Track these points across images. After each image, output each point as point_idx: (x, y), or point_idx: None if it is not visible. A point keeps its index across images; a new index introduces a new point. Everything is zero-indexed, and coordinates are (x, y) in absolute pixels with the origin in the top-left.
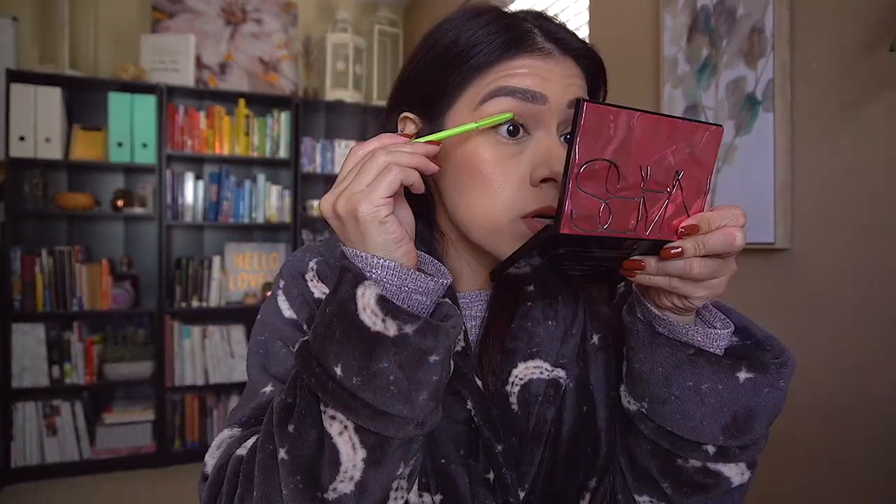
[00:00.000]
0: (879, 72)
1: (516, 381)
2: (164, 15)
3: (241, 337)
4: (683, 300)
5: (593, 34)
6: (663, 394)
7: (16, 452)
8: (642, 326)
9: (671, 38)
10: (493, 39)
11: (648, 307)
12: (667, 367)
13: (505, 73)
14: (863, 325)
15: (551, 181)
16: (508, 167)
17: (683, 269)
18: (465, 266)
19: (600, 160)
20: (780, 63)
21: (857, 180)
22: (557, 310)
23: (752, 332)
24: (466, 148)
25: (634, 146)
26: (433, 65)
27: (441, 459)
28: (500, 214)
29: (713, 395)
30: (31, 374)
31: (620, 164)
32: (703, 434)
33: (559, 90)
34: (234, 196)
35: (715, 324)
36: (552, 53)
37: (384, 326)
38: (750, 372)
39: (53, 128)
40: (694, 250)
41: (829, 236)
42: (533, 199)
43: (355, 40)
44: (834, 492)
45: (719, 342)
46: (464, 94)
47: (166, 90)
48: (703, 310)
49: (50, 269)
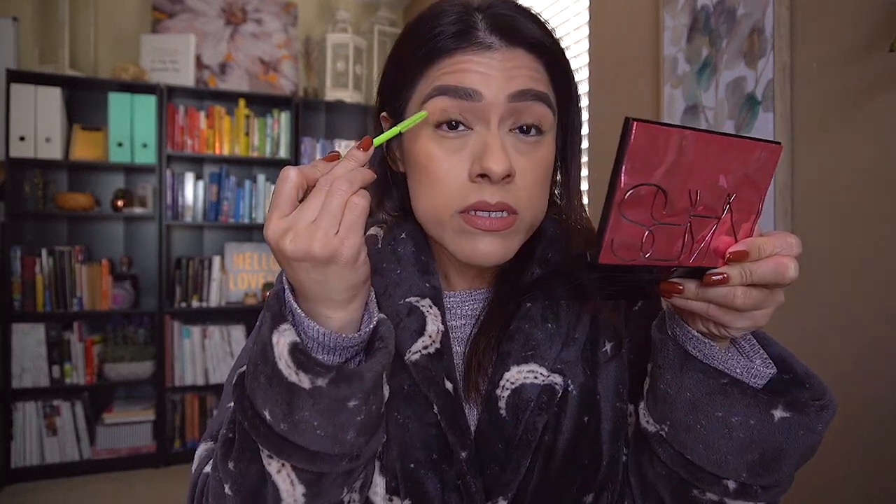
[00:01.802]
0: (879, 72)
1: (507, 385)
2: (164, 15)
3: (241, 337)
4: (721, 328)
5: (593, 34)
6: (688, 420)
7: (16, 452)
8: (673, 346)
9: (671, 38)
10: (440, 34)
11: (683, 326)
12: (696, 393)
13: (444, 69)
14: (863, 324)
15: (486, 177)
16: (452, 162)
17: (726, 298)
18: (451, 266)
19: (647, 185)
20: (780, 63)
21: (856, 180)
22: (559, 312)
23: (792, 366)
24: (419, 146)
25: (684, 169)
26: (394, 65)
27: (410, 464)
28: (442, 209)
29: (743, 430)
30: (31, 374)
31: (669, 189)
32: (726, 469)
33: (498, 84)
34: (235, 196)
35: (751, 355)
36: (492, 46)
37: (298, 379)
38: (787, 411)
39: (53, 128)
40: (740, 278)
41: (829, 236)
42: (471, 194)
43: (355, 40)
44: (834, 493)
45: (759, 377)
46: (413, 94)
47: (166, 90)
48: (739, 337)
49: (50, 269)
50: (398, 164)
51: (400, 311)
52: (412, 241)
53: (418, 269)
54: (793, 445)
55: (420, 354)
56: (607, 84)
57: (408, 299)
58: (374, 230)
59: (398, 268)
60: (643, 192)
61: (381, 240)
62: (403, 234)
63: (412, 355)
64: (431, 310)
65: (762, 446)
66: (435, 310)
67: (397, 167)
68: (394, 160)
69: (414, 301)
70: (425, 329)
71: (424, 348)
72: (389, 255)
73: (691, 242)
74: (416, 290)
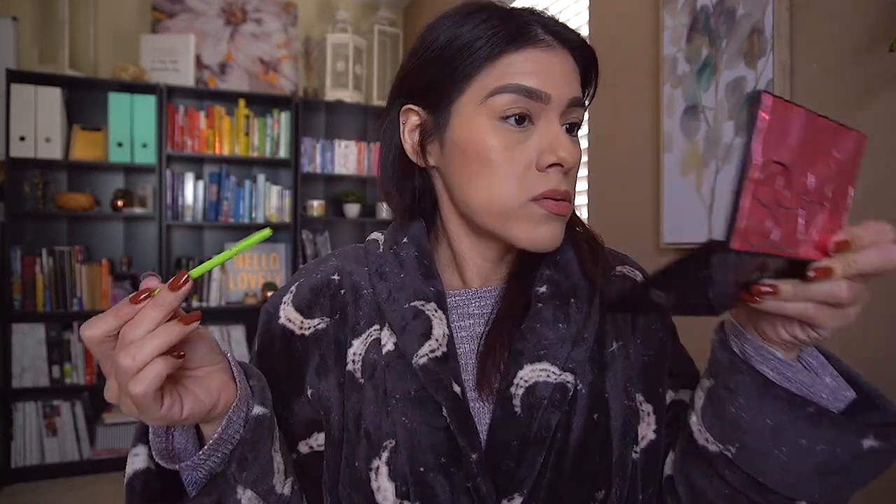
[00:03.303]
0: (879, 72)
1: (521, 384)
2: (164, 15)
3: (241, 337)
4: (808, 330)
5: (593, 34)
6: (766, 447)
7: (16, 452)
8: (749, 371)
9: (671, 38)
10: (494, 32)
11: (755, 342)
12: (777, 421)
13: (510, 66)
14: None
15: (557, 166)
16: (515, 153)
17: (830, 293)
18: (468, 263)
19: (776, 163)
20: (780, 63)
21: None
22: (569, 312)
23: (860, 384)
24: (473, 136)
25: (806, 150)
26: (437, 58)
27: (420, 468)
28: (510, 198)
29: (827, 456)
30: (31, 374)
31: (794, 169)
32: (802, 492)
33: (561, 86)
34: (234, 196)
35: (820, 372)
36: (552, 45)
37: None
38: (877, 441)
39: (53, 128)
40: (844, 270)
41: None
42: (541, 182)
43: (355, 40)
44: None
45: (841, 401)
46: (469, 87)
47: (166, 90)
48: (803, 352)
49: (50, 269)
50: (427, 159)
51: (406, 314)
52: (414, 245)
53: (421, 272)
54: (875, 472)
55: (427, 358)
56: (607, 84)
57: (413, 303)
58: (374, 235)
59: (401, 272)
60: (773, 170)
61: (383, 244)
62: (405, 239)
63: (419, 359)
64: (437, 313)
65: (843, 472)
66: (440, 313)
67: (426, 162)
68: (423, 154)
69: (419, 305)
70: (431, 333)
71: (431, 352)
72: (392, 259)
73: (804, 231)
74: (421, 294)
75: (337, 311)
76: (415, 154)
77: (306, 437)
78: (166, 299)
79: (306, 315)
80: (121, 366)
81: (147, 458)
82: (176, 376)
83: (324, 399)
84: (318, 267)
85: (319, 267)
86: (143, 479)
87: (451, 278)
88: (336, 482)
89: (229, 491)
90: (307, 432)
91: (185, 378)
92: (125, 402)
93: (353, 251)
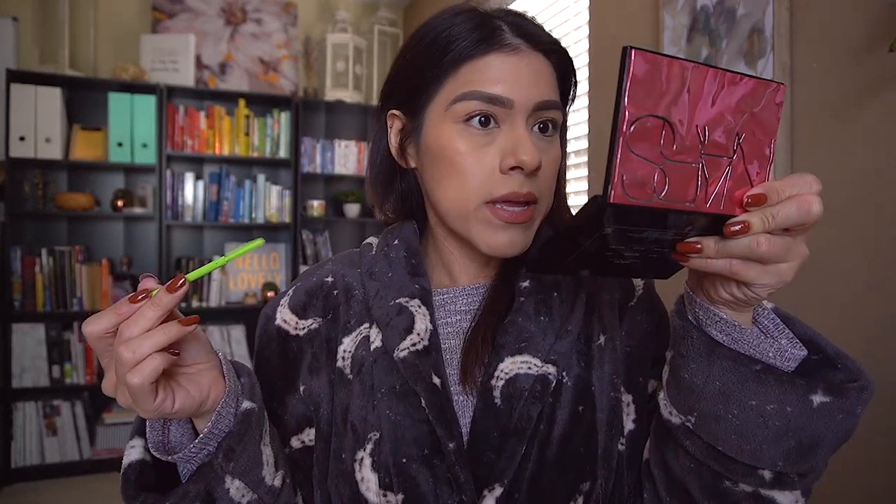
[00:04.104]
0: (879, 72)
1: (501, 376)
2: (164, 15)
3: (241, 337)
4: (744, 289)
5: (593, 34)
6: (718, 410)
7: (16, 452)
8: (697, 333)
9: (671, 38)
10: (465, 36)
11: (705, 307)
12: (726, 382)
13: (473, 73)
14: (863, 324)
15: (518, 169)
16: (480, 155)
17: (749, 248)
18: (456, 261)
19: (653, 117)
20: (780, 63)
21: (856, 180)
22: (551, 305)
23: (822, 347)
24: (444, 140)
25: (690, 103)
26: (414, 62)
27: (403, 459)
28: (469, 200)
29: (779, 418)
30: (31, 374)
31: (675, 122)
32: (762, 458)
33: (526, 90)
34: (234, 196)
35: (776, 335)
36: (520, 49)
37: None
38: (826, 395)
39: (53, 128)
40: (762, 224)
41: (828, 235)
42: (501, 185)
43: (355, 40)
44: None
45: (789, 360)
46: (438, 94)
47: (166, 90)
48: (760, 316)
49: (50, 269)
50: (408, 161)
51: (390, 311)
52: (404, 245)
53: (408, 271)
54: (832, 431)
55: (408, 351)
56: (607, 84)
57: (398, 300)
58: (370, 239)
59: (389, 271)
60: (649, 124)
61: (376, 246)
62: (396, 241)
63: (400, 352)
64: (420, 309)
65: (799, 433)
66: (424, 309)
67: (407, 163)
68: (404, 156)
69: (403, 302)
70: (413, 327)
71: (413, 345)
72: (382, 259)
73: (706, 185)
74: (406, 291)
75: (329, 311)
76: (398, 156)
77: (298, 433)
78: (163, 300)
79: (301, 316)
80: (121, 358)
81: (143, 450)
82: (170, 372)
83: (314, 395)
84: (315, 271)
85: (316, 271)
86: (137, 469)
87: (440, 276)
88: (325, 475)
89: (217, 480)
90: (299, 428)
91: (179, 374)
92: (122, 392)
93: (349, 255)
